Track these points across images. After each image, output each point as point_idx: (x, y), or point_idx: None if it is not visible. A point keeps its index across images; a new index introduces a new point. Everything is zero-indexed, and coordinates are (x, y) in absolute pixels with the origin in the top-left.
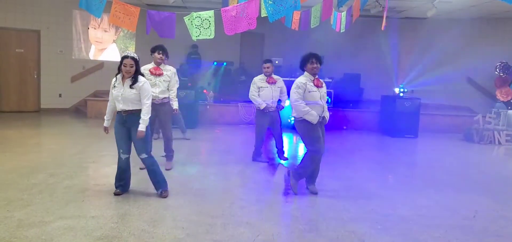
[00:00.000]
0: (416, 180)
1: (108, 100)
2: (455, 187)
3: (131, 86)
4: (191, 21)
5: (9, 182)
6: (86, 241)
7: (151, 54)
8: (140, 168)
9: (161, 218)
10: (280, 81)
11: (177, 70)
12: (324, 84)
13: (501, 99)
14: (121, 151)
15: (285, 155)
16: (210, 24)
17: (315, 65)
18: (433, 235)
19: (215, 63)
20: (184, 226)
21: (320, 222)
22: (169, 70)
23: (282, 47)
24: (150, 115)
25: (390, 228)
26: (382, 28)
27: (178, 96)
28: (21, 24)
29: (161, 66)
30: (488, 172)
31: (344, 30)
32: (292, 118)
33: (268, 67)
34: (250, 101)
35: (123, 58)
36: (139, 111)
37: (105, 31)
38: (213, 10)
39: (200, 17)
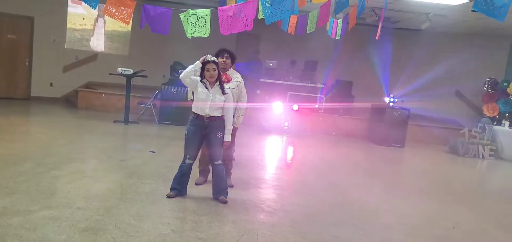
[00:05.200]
0: (400, 189)
1: (102, 93)
2: (438, 198)
3: (223, 93)
4: (187, 18)
5: None
6: (70, 232)
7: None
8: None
9: (147, 213)
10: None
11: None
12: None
13: (488, 114)
14: (188, 156)
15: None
16: (205, 22)
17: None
18: None
19: None
20: (170, 222)
21: (305, 224)
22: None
23: (277, 50)
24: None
25: (371, 234)
26: (377, 37)
27: (171, 92)
28: (14, 9)
29: (229, 72)
30: (471, 185)
31: (339, 37)
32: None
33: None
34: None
35: (205, 63)
36: (221, 117)
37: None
38: (210, 9)
39: (196, 14)
